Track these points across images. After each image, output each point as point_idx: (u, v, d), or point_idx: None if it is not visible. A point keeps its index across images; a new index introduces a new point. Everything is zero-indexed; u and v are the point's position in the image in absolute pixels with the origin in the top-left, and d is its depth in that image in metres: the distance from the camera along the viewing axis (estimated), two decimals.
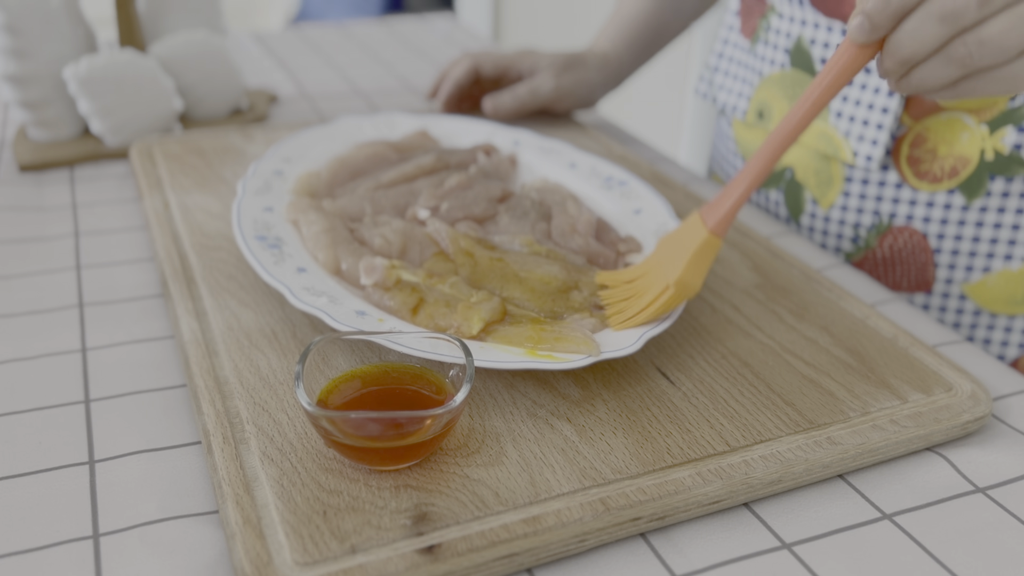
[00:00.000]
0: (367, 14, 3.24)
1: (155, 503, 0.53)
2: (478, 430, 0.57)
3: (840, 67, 0.58)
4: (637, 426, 0.58)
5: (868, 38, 0.55)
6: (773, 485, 0.55)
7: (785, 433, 0.58)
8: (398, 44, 1.49)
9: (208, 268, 0.73)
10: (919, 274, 0.87)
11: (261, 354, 0.63)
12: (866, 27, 0.55)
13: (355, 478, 0.53)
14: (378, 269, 0.67)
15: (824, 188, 0.91)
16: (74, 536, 0.51)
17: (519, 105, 1.06)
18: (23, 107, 0.99)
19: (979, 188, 0.82)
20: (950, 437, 0.60)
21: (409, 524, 0.50)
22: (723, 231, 0.63)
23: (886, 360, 0.65)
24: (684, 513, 0.53)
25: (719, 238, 0.63)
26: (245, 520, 0.49)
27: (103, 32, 1.19)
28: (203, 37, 1.05)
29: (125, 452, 0.57)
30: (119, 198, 0.91)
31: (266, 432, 0.56)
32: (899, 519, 0.54)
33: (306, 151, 0.87)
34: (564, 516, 0.51)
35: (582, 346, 0.60)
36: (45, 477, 0.55)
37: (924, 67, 0.55)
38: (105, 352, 0.67)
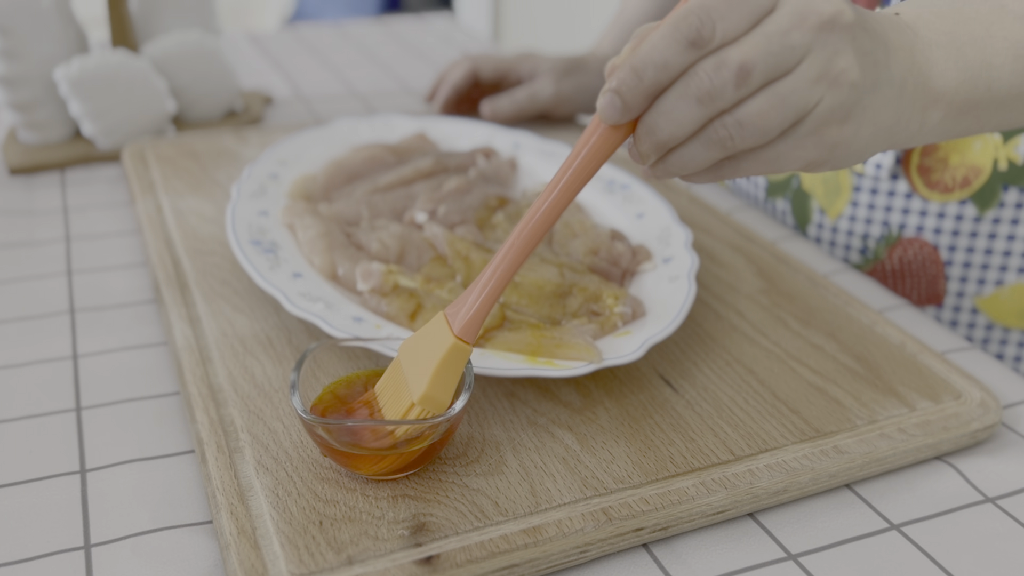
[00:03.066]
0: (364, 14, 3.23)
1: (148, 513, 0.53)
2: (477, 439, 0.57)
3: (592, 150, 0.50)
4: (639, 435, 0.57)
5: (620, 118, 0.49)
6: (778, 495, 0.55)
7: (791, 442, 0.57)
8: (396, 45, 1.48)
9: (202, 273, 0.72)
10: (930, 287, 0.87)
11: (256, 361, 0.63)
12: (617, 106, 0.49)
13: (352, 487, 0.52)
14: (375, 274, 0.66)
15: (832, 197, 0.90)
16: (65, 547, 0.51)
17: (518, 110, 1.05)
18: (13, 109, 0.98)
19: (992, 199, 0.81)
20: (959, 446, 0.60)
21: (407, 534, 0.49)
22: (472, 335, 0.53)
23: (894, 367, 0.65)
24: (687, 523, 0.53)
25: (468, 344, 0.53)
26: (240, 530, 0.49)
27: (95, 32, 1.18)
28: (197, 37, 1.05)
29: (117, 461, 0.57)
30: (111, 202, 0.91)
31: (261, 441, 0.56)
32: (907, 529, 0.54)
33: (302, 154, 0.87)
34: (565, 526, 0.50)
35: (583, 353, 0.60)
36: (36, 487, 0.55)
37: (683, 150, 0.50)
38: (97, 359, 0.66)
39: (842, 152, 0.52)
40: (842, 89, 0.49)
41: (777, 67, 0.47)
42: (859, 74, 0.50)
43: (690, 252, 0.72)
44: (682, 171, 0.51)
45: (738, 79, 0.47)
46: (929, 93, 0.55)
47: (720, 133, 0.49)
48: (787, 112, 0.49)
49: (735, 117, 0.48)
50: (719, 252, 0.80)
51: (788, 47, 0.47)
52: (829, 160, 0.52)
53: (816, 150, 0.51)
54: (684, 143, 0.50)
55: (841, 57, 0.49)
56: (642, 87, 0.48)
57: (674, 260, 0.72)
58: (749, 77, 0.47)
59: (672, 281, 0.69)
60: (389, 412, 0.54)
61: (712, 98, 0.48)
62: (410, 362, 0.55)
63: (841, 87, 0.49)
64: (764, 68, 0.47)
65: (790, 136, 0.50)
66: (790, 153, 0.51)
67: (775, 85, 0.48)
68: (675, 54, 0.47)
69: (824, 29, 0.48)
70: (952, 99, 0.56)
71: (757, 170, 0.52)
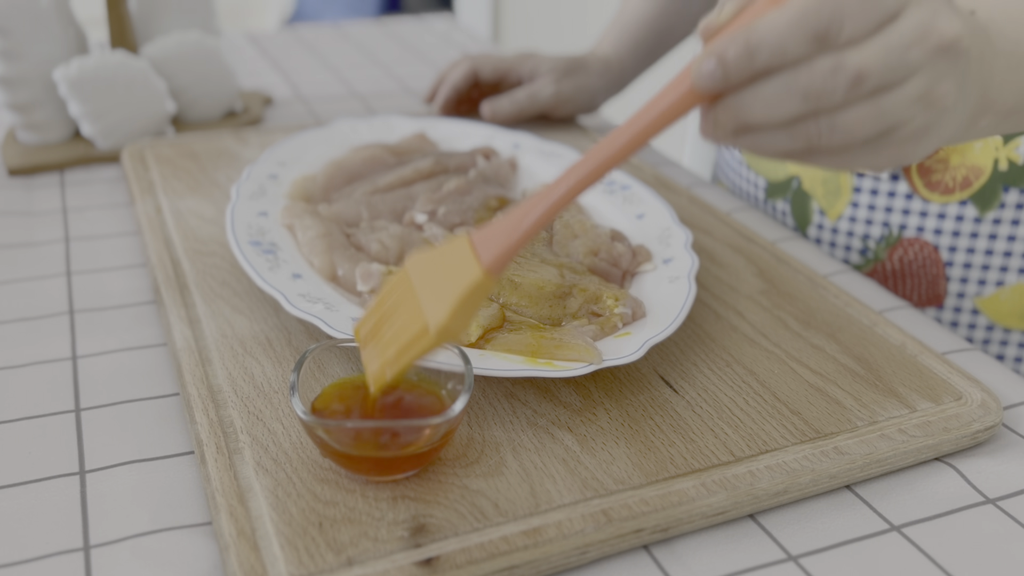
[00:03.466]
0: (363, 15, 3.23)
1: (147, 514, 0.53)
2: (477, 440, 0.57)
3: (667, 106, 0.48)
4: (639, 436, 0.57)
5: (716, 90, 0.47)
6: (779, 496, 0.54)
7: (791, 443, 0.57)
8: (395, 45, 1.48)
9: (201, 274, 0.72)
10: (930, 288, 0.86)
11: (255, 362, 0.62)
12: (718, 77, 0.47)
13: (351, 488, 0.52)
14: (375, 275, 0.66)
15: (832, 198, 0.90)
16: (64, 548, 0.50)
17: (518, 110, 1.05)
18: (12, 109, 0.98)
19: (993, 200, 0.81)
20: (960, 447, 0.60)
21: (407, 536, 0.49)
22: (500, 271, 0.50)
23: (894, 368, 0.65)
24: (688, 525, 0.52)
25: (493, 279, 0.50)
26: (239, 532, 0.49)
27: (94, 33, 1.18)
28: (196, 38, 1.05)
29: (116, 462, 0.57)
30: (110, 202, 0.90)
31: (260, 442, 0.55)
32: (907, 530, 0.54)
33: (301, 154, 0.87)
34: (565, 528, 0.50)
35: (583, 354, 0.59)
36: (35, 488, 0.55)
37: (766, 134, 0.49)
38: (96, 360, 0.66)
39: (905, 161, 0.52)
40: (936, 112, 0.49)
41: (889, 81, 0.46)
42: (955, 100, 0.49)
43: (690, 253, 0.72)
44: (754, 150, 0.50)
45: (852, 85, 0.46)
46: (985, 103, 0.54)
47: (811, 130, 0.48)
48: (881, 124, 0.48)
49: (831, 119, 0.47)
50: (719, 253, 0.80)
51: (904, 63, 0.46)
52: (893, 165, 0.52)
53: (887, 160, 0.51)
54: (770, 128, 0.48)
55: (945, 82, 0.48)
56: (751, 67, 0.46)
57: (674, 261, 0.72)
58: (862, 85, 0.46)
59: (672, 282, 0.69)
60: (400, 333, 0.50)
61: (819, 98, 0.46)
62: (424, 283, 0.50)
63: (935, 110, 0.48)
64: (878, 80, 0.46)
65: (872, 145, 0.49)
66: (864, 158, 0.50)
67: (878, 97, 0.47)
68: (797, 44, 0.45)
69: (941, 52, 0.47)
70: (1001, 108, 0.56)
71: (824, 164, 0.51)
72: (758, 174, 0.98)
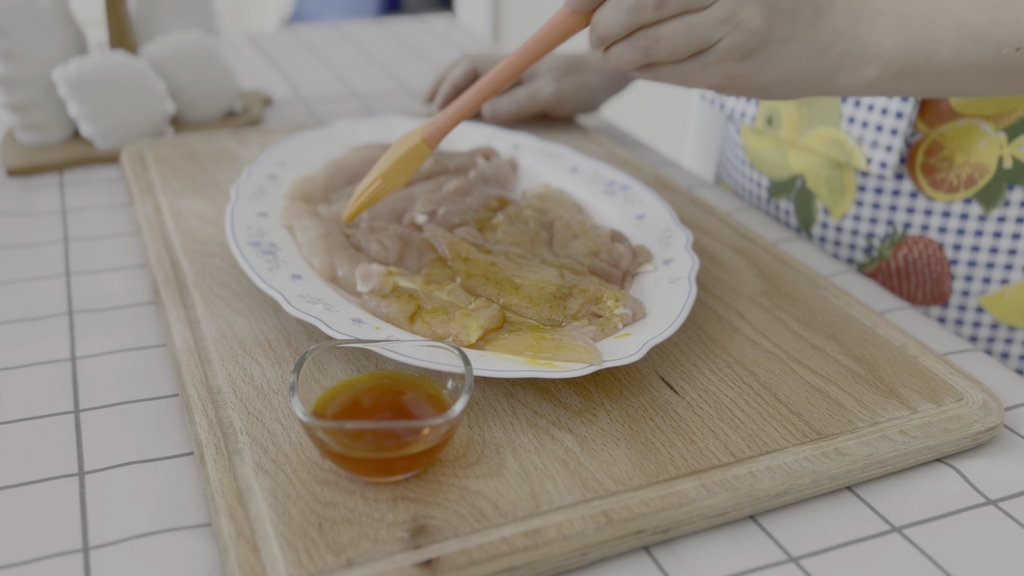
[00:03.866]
0: (363, 15, 3.23)
1: (146, 515, 0.53)
2: (477, 441, 0.57)
3: (554, 26, 0.65)
4: (640, 437, 0.57)
5: (578, 6, 0.63)
6: (779, 497, 0.54)
7: (792, 444, 0.57)
8: (395, 45, 1.48)
9: (201, 275, 0.72)
10: (935, 286, 0.86)
11: (255, 363, 0.62)
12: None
13: (351, 490, 0.52)
14: (375, 276, 0.66)
15: (836, 197, 0.90)
16: (63, 549, 0.50)
17: (518, 110, 1.05)
18: (11, 110, 0.98)
19: (997, 198, 0.81)
20: (961, 448, 0.59)
21: (407, 537, 0.49)
22: (433, 142, 0.71)
23: (895, 369, 0.65)
24: (688, 526, 0.52)
25: (428, 147, 0.72)
26: (239, 533, 0.49)
27: (93, 33, 1.18)
28: (195, 38, 1.05)
29: (116, 463, 0.57)
30: (109, 203, 0.90)
31: (260, 443, 0.55)
32: (908, 532, 0.54)
33: (301, 155, 0.87)
34: (565, 529, 0.50)
35: (583, 354, 0.59)
36: (34, 489, 0.54)
37: (617, 47, 0.63)
38: (95, 361, 0.66)
39: (743, 83, 0.63)
40: (742, 33, 0.60)
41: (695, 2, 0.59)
42: (762, 24, 0.60)
43: (691, 254, 0.72)
44: (618, 65, 0.63)
45: (657, 5, 0.59)
46: (864, 55, 0.64)
47: (641, 42, 0.61)
48: (693, 40, 0.60)
49: (655, 32, 0.60)
50: (720, 253, 0.80)
51: None
52: (733, 87, 0.64)
53: (717, 77, 0.62)
54: (618, 42, 0.62)
55: (749, 8, 0.59)
56: None
57: (675, 261, 0.71)
58: (667, 3, 0.59)
59: (673, 282, 0.69)
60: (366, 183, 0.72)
61: (638, 11, 0.60)
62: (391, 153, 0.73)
63: (742, 32, 0.60)
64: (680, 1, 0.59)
65: (697, 60, 0.61)
66: (697, 74, 0.62)
67: (690, 16, 0.59)
68: None
69: None
70: (889, 63, 0.64)
71: (672, 80, 0.64)
72: (761, 173, 0.98)
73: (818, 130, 0.89)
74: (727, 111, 0.99)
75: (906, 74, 0.65)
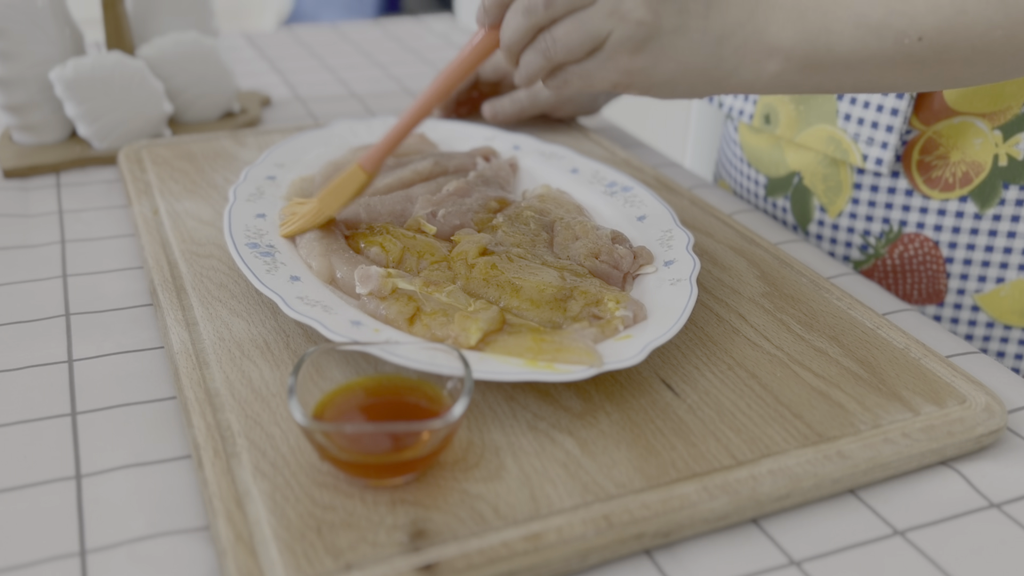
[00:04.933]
0: (361, 15, 3.23)
1: (144, 519, 0.53)
2: (477, 444, 0.56)
3: (473, 45, 0.68)
4: (641, 439, 0.57)
5: (483, 22, 0.66)
6: (781, 500, 0.54)
7: (793, 447, 0.57)
8: (394, 46, 1.48)
9: (198, 276, 0.72)
10: (931, 284, 0.86)
11: (253, 365, 0.62)
12: (480, 13, 0.66)
13: (350, 493, 0.52)
14: (374, 278, 0.65)
15: (832, 195, 0.90)
16: (60, 553, 0.50)
17: (519, 111, 1.04)
18: (7, 110, 0.98)
19: (992, 196, 0.81)
20: (964, 451, 0.59)
21: (406, 540, 0.49)
22: (369, 167, 0.73)
23: (898, 371, 0.64)
24: (689, 529, 0.52)
25: (365, 172, 0.73)
26: (237, 536, 0.49)
27: (90, 33, 1.17)
28: (193, 38, 1.04)
29: (113, 466, 0.56)
30: (107, 204, 0.90)
31: (258, 446, 0.55)
32: (911, 535, 0.54)
33: (300, 156, 0.86)
34: (566, 532, 0.50)
35: (584, 357, 0.59)
36: (30, 492, 0.54)
37: (523, 56, 0.65)
38: (92, 363, 0.66)
39: (641, 79, 0.64)
40: (629, 24, 0.62)
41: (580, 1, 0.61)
42: (647, 15, 0.62)
43: (692, 255, 0.71)
44: (528, 74, 0.65)
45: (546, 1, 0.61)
46: (764, 47, 0.64)
47: (541, 45, 0.63)
48: (585, 35, 0.62)
49: (551, 33, 0.63)
50: (721, 255, 0.79)
51: None
52: (632, 84, 0.65)
53: (616, 73, 0.64)
54: (523, 51, 0.65)
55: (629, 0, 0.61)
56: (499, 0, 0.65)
57: (676, 263, 0.71)
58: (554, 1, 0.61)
59: (674, 284, 0.68)
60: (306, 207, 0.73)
61: (529, 12, 0.62)
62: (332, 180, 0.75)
63: (628, 23, 0.62)
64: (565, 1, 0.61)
65: (595, 57, 0.63)
66: (597, 72, 0.64)
67: (578, 13, 0.62)
68: None
69: None
70: (790, 55, 0.64)
71: (577, 82, 0.65)
72: (758, 171, 0.98)
73: (815, 127, 0.89)
74: (725, 109, 0.99)
75: (810, 67, 0.65)
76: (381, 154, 0.73)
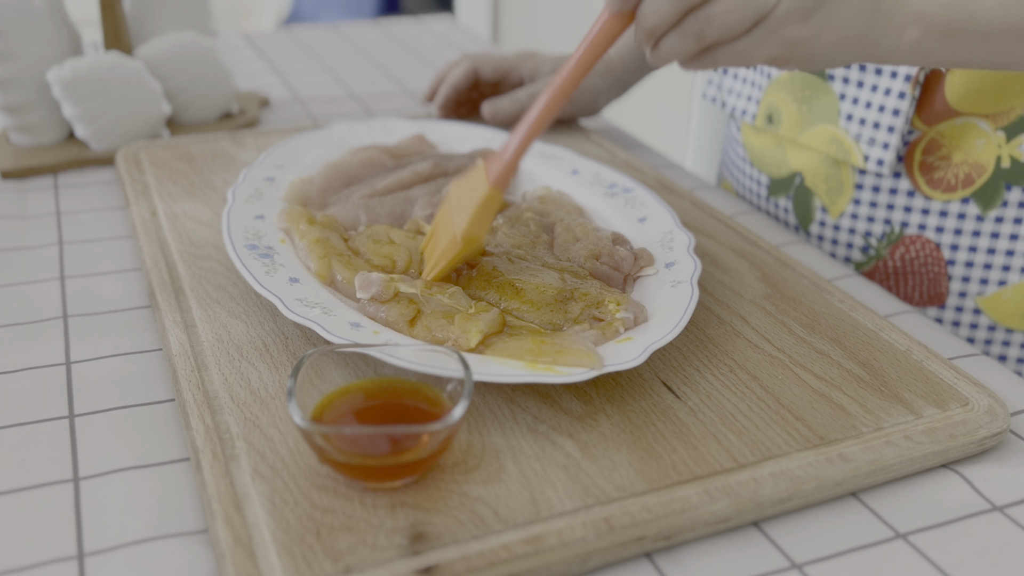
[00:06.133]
0: (361, 16, 3.23)
1: (142, 522, 0.52)
2: (477, 446, 0.56)
3: (597, 33, 0.62)
4: (642, 442, 0.57)
5: (619, 8, 0.61)
6: (783, 503, 0.54)
7: (795, 449, 0.57)
8: (394, 46, 1.48)
9: (197, 278, 0.72)
10: (932, 286, 0.86)
11: (252, 367, 0.62)
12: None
13: (349, 496, 0.52)
14: (375, 283, 0.65)
15: (834, 195, 0.89)
16: (58, 556, 0.50)
17: (519, 111, 1.04)
18: (4, 111, 0.97)
19: (995, 198, 0.81)
20: (966, 453, 0.59)
21: (405, 543, 0.49)
22: (503, 184, 0.66)
23: (900, 374, 0.64)
24: (690, 532, 0.52)
25: (500, 191, 0.66)
26: (235, 539, 0.48)
27: (88, 33, 1.17)
28: (192, 38, 1.04)
29: (111, 469, 0.56)
30: (105, 206, 0.90)
31: (257, 448, 0.55)
32: (914, 538, 0.53)
33: (299, 157, 0.86)
34: (566, 535, 0.50)
35: (584, 359, 0.59)
36: (28, 495, 0.54)
37: (666, 39, 0.60)
38: (90, 365, 0.66)
39: (803, 51, 0.61)
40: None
41: None
42: None
43: (693, 257, 0.71)
44: (669, 58, 0.61)
45: None
46: (907, 12, 0.62)
47: (692, 27, 0.59)
48: (748, 11, 0.58)
49: (705, 12, 0.58)
50: (722, 257, 0.79)
51: None
52: (793, 57, 0.61)
53: (778, 48, 0.60)
54: (667, 33, 0.60)
55: None
56: None
57: (677, 265, 0.71)
58: None
59: (675, 286, 0.68)
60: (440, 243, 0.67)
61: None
62: (456, 204, 0.67)
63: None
64: None
65: (754, 33, 0.59)
66: (755, 49, 0.60)
67: None
68: None
69: None
70: (932, 21, 0.63)
71: (730, 62, 0.61)
72: (761, 171, 0.98)
73: (817, 128, 0.88)
74: (728, 109, 0.99)
75: (948, 34, 0.64)
76: (512, 169, 0.66)
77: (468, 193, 0.67)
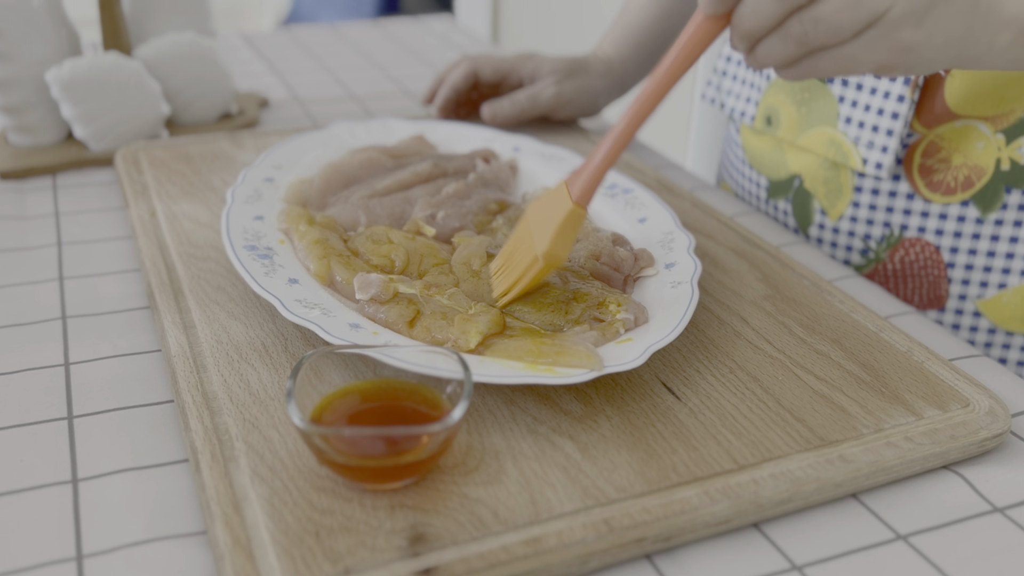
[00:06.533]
0: (360, 16, 3.23)
1: (141, 523, 0.52)
2: (476, 447, 0.56)
3: (691, 37, 0.59)
4: (642, 443, 0.57)
5: (715, 9, 0.57)
6: (783, 505, 0.54)
7: (795, 451, 0.57)
8: (393, 47, 1.48)
9: (196, 279, 0.72)
10: (932, 289, 0.86)
11: (251, 368, 0.62)
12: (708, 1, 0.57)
13: (349, 497, 0.52)
14: (374, 284, 0.65)
15: (833, 198, 0.89)
16: (57, 558, 0.50)
17: (518, 112, 1.04)
18: (3, 112, 0.97)
19: (995, 201, 0.80)
20: (967, 455, 0.59)
21: (405, 545, 0.49)
22: (587, 201, 0.64)
23: (900, 375, 0.64)
24: (691, 534, 0.52)
25: (583, 208, 0.64)
26: (234, 541, 0.48)
27: (87, 34, 1.17)
28: (191, 39, 1.04)
29: (110, 470, 0.56)
30: (103, 206, 0.90)
31: (256, 449, 0.55)
32: (914, 540, 0.53)
33: (298, 157, 0.86)
34: (566, 537, 0.50)
35: (584, 360, 0.59)
36: (27, 496, 0.54)
37: (766, 43, 0.57)
38: (89, 366, 0.65)
39: (915, 57, 0.57)
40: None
41: None
42: None
43: (693, 257, 0.71)
44: (767, 62, 0.58)
45: None
46: (1001, 16, 0.60)
47: (796, 29, 0.55)
48: (860, 12, 0.54)
49: (812, 14, 0.54)
50: (722, 257, 0.79)
51: None
52: (901, 64, 0.57)
53: (888, 54, 0.56)
54: (766, 37, 0.56)
55: None
56: None
57: (677, 265, 0.71)
58: None
59: (675, 287, 0.68)
60: (518, 264, 0.64)
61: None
62: (536, 222, 0.65)
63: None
64: None
65: (864, 37, 0.55)
66: (863, 55, 0.56)
67: None
68: None
69: None
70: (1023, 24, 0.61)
71: (833, 69, 0.57)
72: (760, 173, 0.98)
73: (816, 130, 0.88)
74: (727, 111, 0.99)
75: None
76: (596, 184, 0.64)
77: (549, 211, 0.65)
